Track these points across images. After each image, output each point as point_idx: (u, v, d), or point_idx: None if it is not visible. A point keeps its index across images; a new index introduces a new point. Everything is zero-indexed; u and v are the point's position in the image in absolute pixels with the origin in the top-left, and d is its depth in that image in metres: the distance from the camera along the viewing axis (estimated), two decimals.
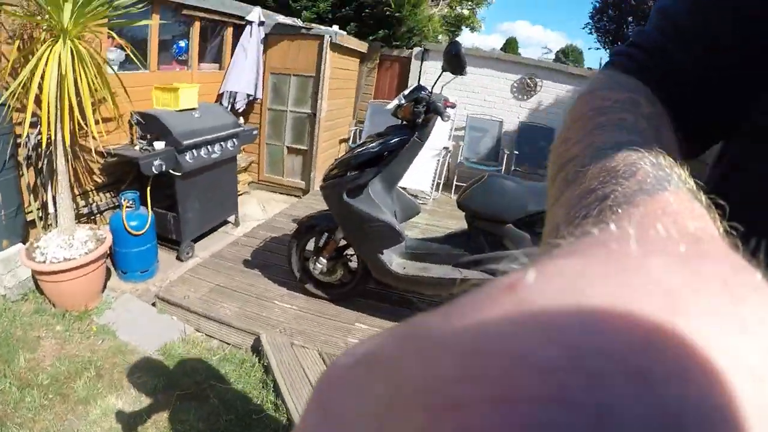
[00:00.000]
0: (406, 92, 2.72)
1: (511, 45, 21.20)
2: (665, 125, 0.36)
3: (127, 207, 3.20)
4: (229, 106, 5.05)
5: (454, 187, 6.18)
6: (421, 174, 5.60)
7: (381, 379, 0.12)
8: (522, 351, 0.11)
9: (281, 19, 5.32)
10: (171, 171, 3.43)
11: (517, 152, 6.31)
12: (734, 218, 0.19)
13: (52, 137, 2.72)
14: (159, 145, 3.40)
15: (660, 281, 0.12)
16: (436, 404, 0.10)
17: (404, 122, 2.74)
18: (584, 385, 0.10)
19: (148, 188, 3.41)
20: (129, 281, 3.35)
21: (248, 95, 5.20)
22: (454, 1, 9.45)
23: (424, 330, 0.13)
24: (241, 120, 4.92)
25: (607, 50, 13.69)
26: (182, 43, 4.51)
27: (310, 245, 3.11)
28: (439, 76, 2.70)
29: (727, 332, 0.11)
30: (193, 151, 3.61)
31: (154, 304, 3.04)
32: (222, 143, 3.96)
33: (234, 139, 4.13)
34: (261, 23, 5.13)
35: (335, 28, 5.55)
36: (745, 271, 0.14)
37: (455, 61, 2.53)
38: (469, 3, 10.07)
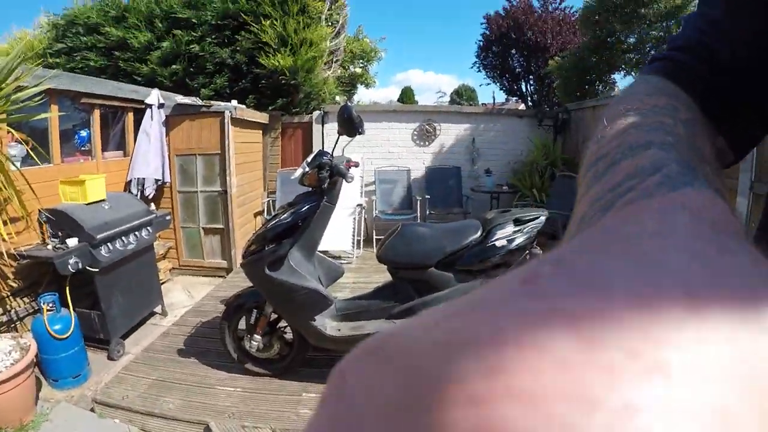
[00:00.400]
0: (309, 159, 2.80)
1: (407, 94, 22.06)
2: (702, 132, 0.36)
3: (47, 310, 3.03)
4: (139, 193, 4.92)
5: (374, 241, 6.26)
6: (339, 234, 5.67)
7: (400, 370, 0.12)
8: (541, 346, 0.11)
9: (180, 99, 5.32)
10: (88, 268, 3.28)
11: (428, 196, 6.53)
12: None
13: None
14: (72, 242, 3.26)
15: (678, 278, 0.12)
16: (455, 397, 0.10)
17: (312, 188, 2.81)
18: (605, 382, 0.10)
19: (67, 288, 3.25)
20: (62, 389, 3.13)
21: (156, 180, 5.10)
22: (346, 62, 9.80)
23: (443, 322, 0.13)
24: (153, 206, 4.81)
25: (497, 83, 14.54)
26: (84, 133, 4.42)
27: (242, 324, 3.06)
28: (337, 140, 2.81)
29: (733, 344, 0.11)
30: (108, 244, 3.49)
31: (92, 410, 2.85)
32: (136, 233, 3.85)
33: (148, 227, 4.03)
34: (161, 105, 5.11)
35: (234, 102, 5.62)
36: (762, 266, 0.14)
37: (348, 124, 2.66)
38: (361, 61, 10.47)
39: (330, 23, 8.35)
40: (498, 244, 2.69)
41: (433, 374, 0.11)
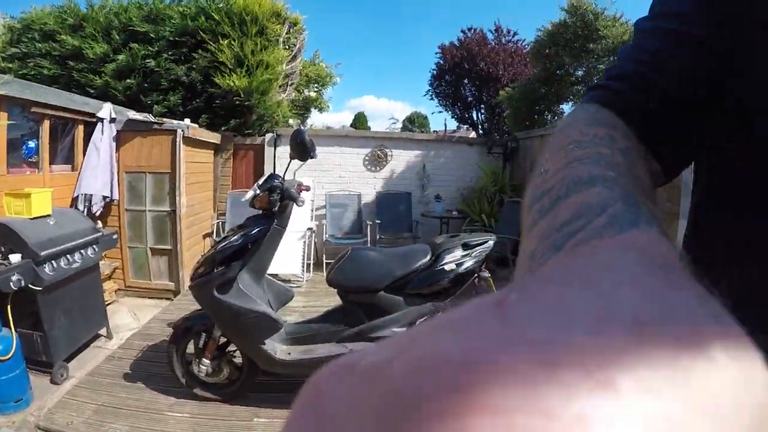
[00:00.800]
0: (260, 182, 2.81)
1: (360, 119, 22.27)
2: (640, 159, 0.38)
3: None
4: (86, 210, 4.77)
5: (324, 265, 6.24)
6: (289, 258, 5.65)
7: (376, 387, 0.12)
8: (508, 366, 0.11)
9: (132, 114, 5.22)
10: (31, 286, 3.14)
11: (378, 221, 6.60)
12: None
13: None
14: (15, 258, 3.10)
15: (629, 312, 0.13)
16: (429, 413, 0.11)
17: (263, 211, 2.82)
18: (562, 396, 0.11)
19: (8, 307, 3.10)
20: (3, 414, 2.95)
21: (104, 197, 4.97)
22: (301, 85, 9.84)
23: (420, 341, 0.13)
24: (99, 224, 4.68)
25: (449, 111, 14.83)
26: (32, 144, 4.27)
27: (191, 348, 3.01)
28: (289, 164, 2.84)
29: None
30: (53, 262, 3.35)
31: None
32: (82, 251, 3.71)
33: (94, 246, 3.90)
34: (112, 120, 5.00)
35: (187, 121, 5.55)
36: (708, 303, 0.15)
37: (301, 149, 2.70)
38: (316, 85, 10.54)
39: (287, 46, 8.40)
40: (447, 267, 2.77)
41: (409, 391, 0.12)
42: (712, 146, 0.48)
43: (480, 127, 14.08)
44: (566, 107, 9.07)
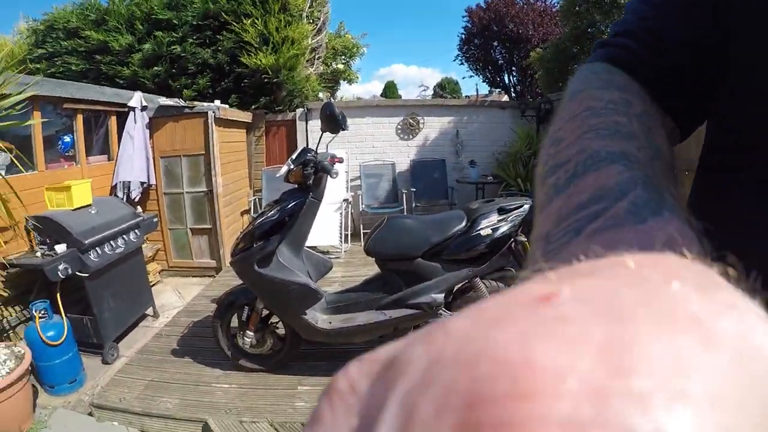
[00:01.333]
0: (293, 157, 2.83)
1: (390, 89, 22.09)
2: (657, 123, 0.38)
3: (40, 318, 3.03)
4: (125, 196, 4.92)
5: (362, 235, 6.29)
6: (327, 230, 5.70)
7: (413, 380, 0.11)
8: (574, 372, 0.10)
9: (163, 101, 5.31)
10: (78, 273, 3.28)
11: (414, 189, 6.58)
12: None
13: None
14: (60, 248, 3.25)
15: (687, 307, 0.12)
16: (489, 422, 0.10)
17: (298, 185, 2.85)
18: (637, 409, 0.10)
19: (58, 295, 3.24)
20: (59, 395, 3.12)
21: (142, 183, 5.10)
22: (329, 58, 9.80)
23: (458, 335, 0.12)
24: (139, 209, 4.82)
25: (480, 76, 14.53)
26: (67, 138, 4.40)
27: (234, 322, 3.09)
28: (321, 137, 2.84)
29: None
30: (97, 249, 3.49)
31: (90, 414, 2.87)
32: (124, 236, 3.85)
33: (136, 230, 4.03)
34: (144, 108, 5.10)
35: (217, 102, 5.61)
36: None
37: (331, 121, 2.70)
38: (343, 57, 10.47)
39: (311, 20, 8.35)
40: (483, 233, 2.75)
41: (466, 394, 0.11)
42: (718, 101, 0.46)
43: (512, 90, 13.78)
44: None
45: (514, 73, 13.79)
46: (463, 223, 2.79)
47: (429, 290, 2.79)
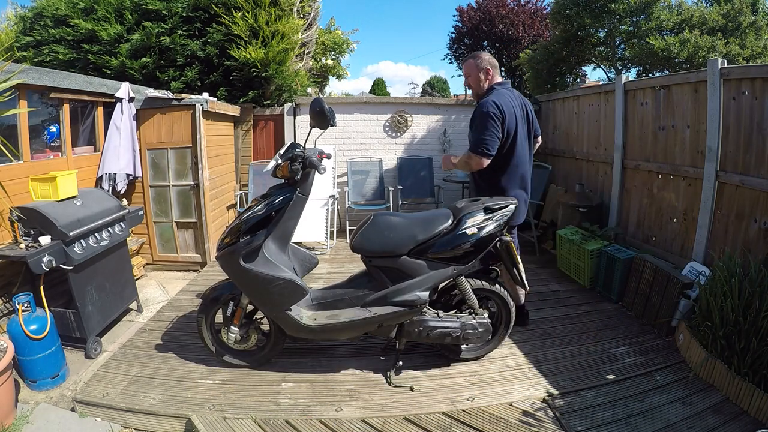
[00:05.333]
0: (281, 152, 2.82)
1: (379, 86, 22.08)
2: None
3: (23, 311, 2.99)
4: (110, 188, 4.88)
5: (347, 232, 6.35)
6: (313, 225, 5.71)
7: None
8: None
9: (150, 92, 5.28)
10: (62, 266, 3.24)
11: (400, 186, 6.61)
12: None
13: None
14: (45, 239, 3.20)
15: None
16: None
17: (285, 180, 2.84)
18: None
19: (41, 287, 3.22)
20: (41, 390, 3.09)
21: (128, 175, 5.06)
22: (318, 54, 9.76)
23: None
24: (125, 201, 4.78)
25: None
26: (53, 128, 4.34)
27: (219, 317, 3.08)
28: (309, 133, 2.84)
29: None
30: (81, 241, 3.44)
31: (73, 409, 2.84)
32: (109, 229, 3.81)
33: (121, 223, 3.99)
34: (131, 99, 5.07)
35: (205, 95, 5.58)
36: None
37: (320, 117, 2.69)
38: (333, 53, 10.43)
39: (302, 15, 8.32)
40: (469, 231, 2.76)
41: None
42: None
43: None
44: (588, 69, 8.88)
45: (503, 74, 13.86)
46: (449, 222, 2.81)
47: (414, 288, 2.80)
